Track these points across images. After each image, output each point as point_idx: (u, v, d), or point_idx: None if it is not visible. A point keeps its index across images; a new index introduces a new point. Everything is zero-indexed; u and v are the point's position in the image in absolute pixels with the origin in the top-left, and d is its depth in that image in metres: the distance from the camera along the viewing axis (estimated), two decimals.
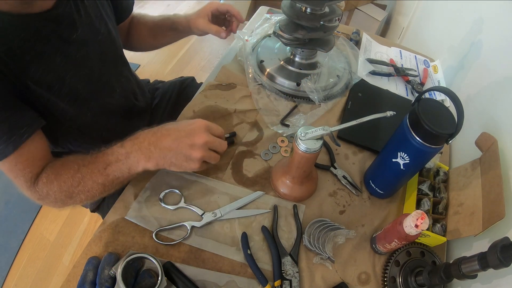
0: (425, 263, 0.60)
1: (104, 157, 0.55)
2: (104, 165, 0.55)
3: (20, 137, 0.52)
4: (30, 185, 0.56)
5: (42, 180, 0.56)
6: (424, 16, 1.41)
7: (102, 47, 0.67)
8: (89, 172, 0.55)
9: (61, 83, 0.58)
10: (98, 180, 0.55)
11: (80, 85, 0.63)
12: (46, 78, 0.55)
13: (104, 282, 0.50)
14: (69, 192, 0.56)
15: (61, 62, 0.57)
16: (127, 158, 0.55)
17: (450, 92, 0.54)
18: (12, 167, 0.54)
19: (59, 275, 1.35)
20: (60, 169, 0.56)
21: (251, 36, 0.97)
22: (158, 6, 2.65)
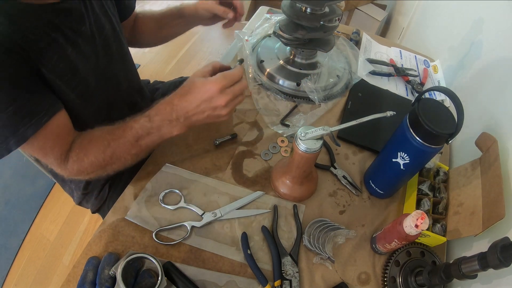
0: (425, 263, 0.60)
1: (133, 131, 0.58)
2: (135, 138, 0.58)
3: (41, 119, 0.53)
4: (60, 162, 0.57)
5: (72, 158, 0.57)
6: (424, 16, 1.41)
7: (108, 42, 0.69)
8: (120, 146, 0.58)
9: (73, 73, 0.59)
10: (131, 151, 0.59)
11: (90, 78, 0.64)
12: (59, 66, 0.56)
13: (104, 282, 0.50)
14: (101, 166, 0.59)
15: (72, 52, 0.58)
16: (159, 131, 0.59)
17: (450, 92, 0.54)
18: (41, 146, 0.55)
19: (59, 275, 1.35)
20: (88, 146, 0.58)
21: (251, 36, 0.97)
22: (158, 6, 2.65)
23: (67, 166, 0.58)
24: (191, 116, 0.58)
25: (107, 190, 0.85)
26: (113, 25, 0.70)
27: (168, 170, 0.70)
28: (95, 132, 0.60)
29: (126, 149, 0.59)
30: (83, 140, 0.60)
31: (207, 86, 0.56)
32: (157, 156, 0.72)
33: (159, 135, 0.59)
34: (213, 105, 0.57)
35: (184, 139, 0.75)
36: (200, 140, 0.76)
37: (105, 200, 0.86)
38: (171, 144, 0.74)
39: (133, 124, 0.59)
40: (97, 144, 0.58)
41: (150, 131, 0.58)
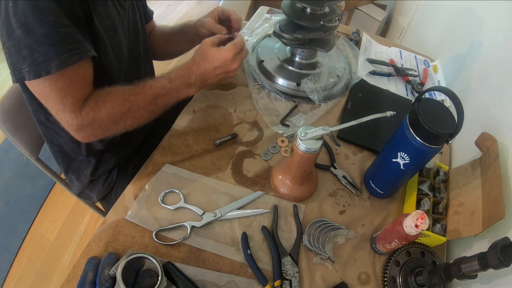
0: (425, 263, 0.60)
1: (152, 90, 0.64)
2: (154, 96, 0.64)
3: (85, 52, 0.54)
4: (76, 107, 0.58)
5: (90, 105, 0.59)
6: (424, 16, 1.41)
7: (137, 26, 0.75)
8: (138, 101, 0.63)
9: (114, 32, 0.64)
10: (148, 108, 0.64)
11: (124, 45, 0.69)
12: (105, 21, 0.61)
13: (104, 282, 0.50)
14: (116, 118, 0.61)
15: (117, 15, 0.64)
16: (177, 92, 0.66)
17: (450, 92, 0.54)
18: (64, 85, 0.55)
19: (59, 275, 1.35)
20: (107, 97, 0.61)
21: (251, 36, 0.97)
22: (158, 7, 2.65)
23: (81, 113, 0.58)
24: (207, 79, 0.68)
25: (115, 176, 0.85)
26: (140, 16, 0.76)
27: (168, 170, 0.70)
28: (114, 87, 0.63)
29: (144, 105, 0.63)
30: (102, 91, 0.62)
31: (223, 54, 0.66)
32: (157, 156, 0.72)
33: (176, 96, 0.67)
34: (227, 69, 0.68)
35: (184, 139, 0.76)
36: (200, 140, 0.76)
37: (112, 187, 0.86)
38: (171, 144, 0.74)
39: (153, 83, 0.64)
40: (116, 97, 0.62)
41: (169, 91, 0.65)
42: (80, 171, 0.84)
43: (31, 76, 0.52)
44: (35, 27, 0.49)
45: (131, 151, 0.86)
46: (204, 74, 0.67)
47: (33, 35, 0.50)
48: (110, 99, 0.61)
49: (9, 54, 0.52)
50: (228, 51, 0.66)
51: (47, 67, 0.51)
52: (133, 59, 0.75)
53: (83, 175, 0.84)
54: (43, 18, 0.49)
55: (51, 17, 0.50)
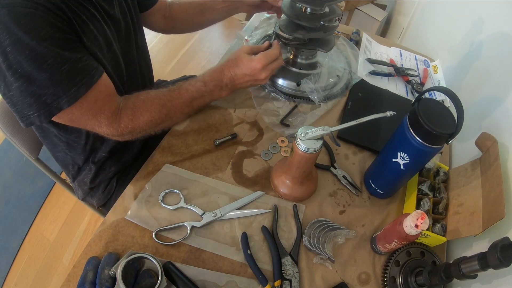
0: (425, 263, 0.60)
1: (188, 94, 0.68)
2: (190, 99, 0.68)
3: (92, 78, 0.55)
4: (112, 121, 0.60)
5: (128, 117, 0.62)
6: (424, 16, 1.41)
7: (129, 28, 0.73)
8: (175, 106, 0.67)
9: (109, 47, 0.64)
10: (184, 111, 0.70)
11: (120, 55, 0.69)
12: (98, 39, 0.60)
13: (104, 282, 0.50)
14: (155, 124, 0.66)
15: (107, 28, 0.63)
16: (211, 94, 0.71)
17: (450, 92, 0.54)
18: (92, 105, 0.57)
19: (59, 275, 1.35)
20: (144, 106, 0.64)
21: (251, 36, 0.97)
22: None
23: (120, 124, 0.62)
24: (237, 84, 0.72)
25: (115, 183, 0.85)
26: (131, 15, 0.75)
27: (168, 170, 0.70)
28: (149, 93, 0.66)
29: (181, 108, 0.68)
30: (137, 100, 0.64)
31: (252, 64, 0.69)
32: (157, 156, 0.72)
33: (210, 97, 0.72)
34: (255, 78, 0.71)
35: (184, 139, 0.76)
36: (200, 140, 0.76)
37: (112, 194, 0.86)
38: (171, 144, 0.74)
39: (188, 87, 0.68)
40: (153, 105, 0.64)
41: (204, 94, 0.69)
42: (80, 179, 0.84)
43: (42, 119, 0.53)
44: (35, 75, 0.49)
45: (131, 160, 0.86)
46: (234, 78, 0.70)
47: (35, 82, 0.50)
48: (148, 108, 0.64)
49: (12, 104, 0.52)
50: (258, 61, 0.69)
51: (58, 105, 0.52)
52: (128, 64, 0.75)
53: (83, 182, 0.84)
54: (42, 64, 0.49)
55: (50, 60, 0.49)
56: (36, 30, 0.47)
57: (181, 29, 0.96)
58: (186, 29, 0.97)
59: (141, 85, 0.84)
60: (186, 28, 0.96)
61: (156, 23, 0.90)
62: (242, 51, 0.71)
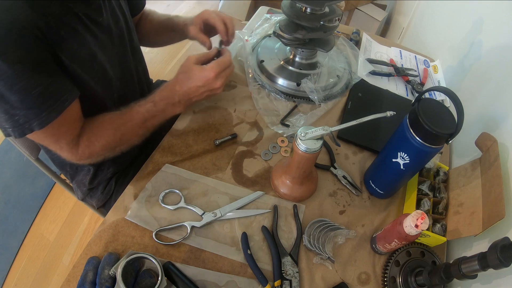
0: (425, 263, 0.60)
1: (139, 115, 0.65)
2: (142, 121, 0.66)
3: (63, 102, 0.55)
4: (72, 147, 0.61)
5: (84, 143, 0.62)
6: (424, 16, 1.41)
7: (122, 33, 0.72)
8: (128, 128, 0.65)
9: (93, 60, 0.62)
10: (139, 133, 0.67)
11: (108, 65, 0.67)
12: (80, 53, 0.59)
13: (104, 282, 0.50)
14: (111, 147, 0.65)
15: (91, 41, 0.61)
16: (163, 113, 0.67)
17: (450, 92, 0.54)
18: (55, 131, 0.57)
19: (59, 275, 1.35)
20: (98, 131, 0.63)
21: (251, 36, 0.97)
22: (158, 6, 2.66)
23: (78, 151, 0.61)
24: (192, 98, 0.68)
25: (113, 184, 0.85)
26: (125, 18, 0.74)
27: (168, 170, 0.70)
28: (104, 117, 0.65)
29: (134, 131, 0.66)
30: (93, 125, 0.64)
31: (205, 73, 0.65)
32: (157, 156, 0.72)
33: (164, 116, 0.68)
34: (210, 87, 0.67)
35: (184, 139, 0.76)
36: (200, 140, 0.76)
37: (111, 195, 0.86)
38: (171, 144, 0.74)
39: (139, 109, 0.65)
40: (106, 129, 0.63)
41: (155, 114, 0.66)
42: (79, 180, 0.84)
43: (16, 135, 0.53)
44: (7, 95, 0.50)
45: (129, 160, 0.86)
46: (188, 93, 0.66)
47: (8, 102, 0.50)
48: (102, 133, 0.63)
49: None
50: (211, 70, 0.65)
51: (29, 126, 0.53)
52: (124, 69, 0.74)
53: (82, 183, 0.84)
54: (12, 86, 0.49)
55: (21, 83, 0.49)
56: (8, 53, 0.47)
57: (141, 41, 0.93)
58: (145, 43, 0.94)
59: (139, 89, 0.84)
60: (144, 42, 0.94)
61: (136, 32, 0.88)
62: (190, 62, 0.67)
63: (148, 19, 0.90)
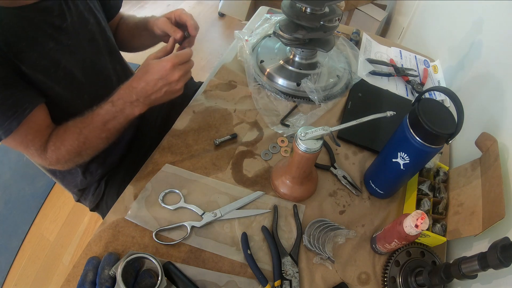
0: (425, 263, 0.60)
1: (99, 117, 0.63)
2: (103, 123, 0.63)
3: (23, 112, 0.57)
4: (41, 153, 0.63)
5: (51, 148, 0.63)
6: (424, 16, 1.41)
7: (94, 36, 0.71)
8: (91, 132, 0.64)
9: (57, 67, 0.63)
10: (101, 135, 0.65)
11: (75, 70, 0.67)
12: (41, 62, 0.60)
13: (104, 282, 0.50)
14: (77, 152, 0.64)
15: (55, 47, 0.62)
16: (123, 113, 0.64)
17: (450, 92, 0.54)
18: (23, 138, 0.60)
19: (59, 275, 1.35)
20: (64, 135, 0.63)
21: (251, 36, 0.97)
22: (158, 6, 2.65)
23: (46, 156, 0.63)
24: (150, 95, 0.63)
25: (103, 186, 0.85)
26: (97, 20, 0.73)
27: (168, 170, 0.70)
28: (68, 123, 0.65)
29: (97, 134, 0.64)
30: (59, 130, 0.64)
31: (162, 63, 0.61)
32: (157, 156, 0.72)
33: (124, 117, 0.64)
34: (168, 80, 0.62)
35: (184, 139, 0.76)
36: (200, 140, 0.76)
37: (102, 197, 0.86)
38: (171, 144, 0.74)
39: (99, 110, 0.64)
40: (70, 134, 0.63)
41: (115, 114, 0.63)
42: (68, 183, 0.85)
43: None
44: None
45: (116, 160, 0.86)
46: (145, 88, 0.62)
47: None
48: (66, 137, 0.63)
49: None
50: (167, 60, 0.61)
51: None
52: (98, 72, 0.73)
53: (72, 186, 0.85)
54: None
55: None
56: None
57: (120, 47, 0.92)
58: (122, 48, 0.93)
59: None
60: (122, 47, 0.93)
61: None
62: (149, 58, 0.64)
63: (125, 24, 0.89)
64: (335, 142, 0.57)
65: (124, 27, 0.89)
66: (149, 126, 0.94)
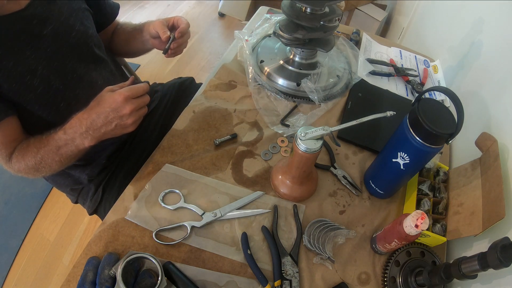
0: (425, 263, 0.60)
1: (53, 142, 0.64)
2: (56, 148, 0.64)
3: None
4: (6, 161, 0.66)
5: (14, 159, 0.66)
6: (424, 16, 1.41)
7: (78, 43, 0.71)
8: (46, 153, 0.64)
9: (33, 74, 0.64)
10: (55, 159, 0.65)
11: (52, 77, 0.67)
12: (17, 69, 0.61)
13: (104, 282, 0.50)
14: (34, 168, 0.66)
15: (32, 54, 0.63)
16: (73, 142, 0.63)
17: (450, 92, 0.54)
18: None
19: (59, 275, 1.35)
20: (24, 151, 0.65)
21: (251, 36, 0.97)
22: (158, 6, 2.65)
23: (11, 165, 0.66)
24: (100, 127, 0.61)
25: (101, 192, 0.85)
26: (85, 28, 0.73)
27: (168, 170, 0.70)
28: (30, 139, 0.66)
29: (51, 156, 0.64)
30: (23, 144, 0.66)
31: (114, 96, 0.60)
32: (157, 156, 0.72)
33: (75, 146, 0.63)
34: (119, 114, 0.60)
35: (184, 139, 0.76)
36: (200, 140, 0.76)
37: (100, 202, 0.86)
38: (171, 144, 0.74)
39: (54, 135, 0.64)
40: (30, 150, 0.65)
41: (66, 142, 0.63)
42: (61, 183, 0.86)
43: None
44: None
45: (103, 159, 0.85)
46: (96, 120, 0.60)
47: None
48: (26, 153, 0.65)
49: None
50: (120, 93, 0.59)
51: None
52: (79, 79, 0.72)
53: (64, 185, 0.86)
54: None
55: None
56: None
57: (118, 53, 0.92)
58: (119, 53, 0.93)
59: None
60: (119, 53, 0.93)
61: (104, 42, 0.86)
62: (104, 90, 0.63)
63: (123, 28, 0.89)
64: (335, 142, 0.57)
65: (121, 32, 0.89)
66: (149, 127, 0.94)
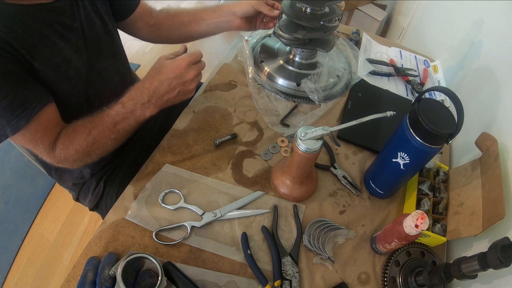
0: (425, 263, 0.60)
1: (109, 118, 0.62)
2: (113, 124, 0.63)
3: (32, 110, 0.57)
4: (49, 151, 0.62)
5: (59, 147, 0.62)
6: (424, 16, 1.41)
7: (99, 37, 0.72)
8: (100, 132, 0.63)
9: (68, 65, 0.63)
10: (111, 136, 0.64)
11: (83, 69, 0.68)
12: (53, 59, 0.60)
13: (104, 282, 0.50)
14: (85, 152, 0.64)
15: (65, 46, 0.62)
16: (133, 114, 0.63)
17: (450, 92, 0.54)
18: (32, 136, 0.59)
19: (59, 275, 1.35)
20: (73, 134, 0.63)
21: (251, 36, 0.97)
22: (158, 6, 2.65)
23: (55, 154, 0.62)
24: (163, 95, 0.62)
25: (103, 186, 0.85)
26: (104, 22, 0.73)
27: (168, 170, 0.70)
28: (78, 122, 0.64)
29: (106, 134, 0.63)
30: (68, 129, 0.64)
31: (177, 62, 0.61)
32: (157, 156, 0.72)
33: (134, 118, 0.63)
34: (183, 79, 0.62)
35: (184, 139, 0.76)
36: (200, 140, 0.76)
37: (101, 196, 0.86)
38: (171, 144, 0.74)
39: (109, 111, 0.63)
40: (80, 133, 0.63)
41: (125, 116, 0.62)
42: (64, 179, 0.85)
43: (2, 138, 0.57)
44: None
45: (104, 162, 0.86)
46: (159, 88, 0.61)
47: None
48: (75, 136, 0.63)
49: None
50: (182, 59, 0.61)
51: (4, 133, 0.56)
52: (98, 73, 0.73)
53: (67, 180, 0.86)
54: None
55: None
56: None
57: (166, 38, 0.92)
58: (172, 39, 0.92)
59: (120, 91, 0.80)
60: (172, 39, 0.92)
61: (140, 31, 0.87)
62: (161, 58, 0.64)
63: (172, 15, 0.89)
64: (335, 142, 0.57)
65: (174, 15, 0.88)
66: (148, 126, 0.94)
